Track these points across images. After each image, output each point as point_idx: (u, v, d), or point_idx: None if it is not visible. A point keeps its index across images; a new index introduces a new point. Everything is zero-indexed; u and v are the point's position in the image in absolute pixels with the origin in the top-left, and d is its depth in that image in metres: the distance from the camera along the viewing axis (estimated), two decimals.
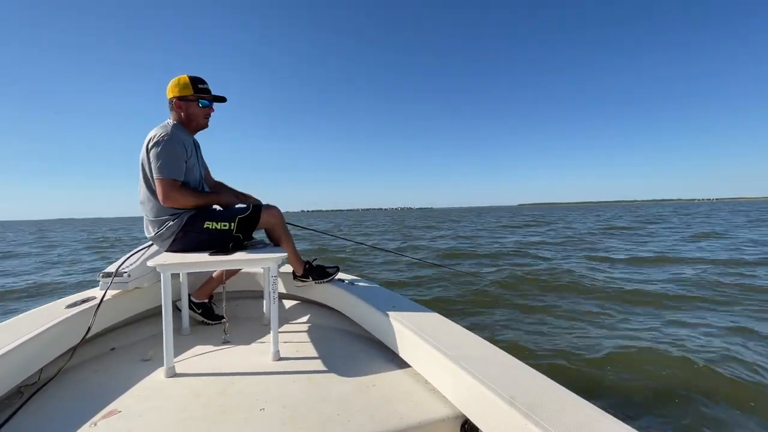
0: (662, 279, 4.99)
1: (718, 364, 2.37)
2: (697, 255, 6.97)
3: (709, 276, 4.96)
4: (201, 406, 1.13)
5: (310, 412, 1.09)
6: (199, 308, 1.90)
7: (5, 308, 4.63)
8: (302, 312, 2.06)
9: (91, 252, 11.75)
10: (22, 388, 1.24)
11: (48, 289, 5.80)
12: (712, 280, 4.74)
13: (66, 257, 10.39)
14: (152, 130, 1.60)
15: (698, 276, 5.01)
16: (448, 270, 5.47)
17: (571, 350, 2.66)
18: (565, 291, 4.49)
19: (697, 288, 4.42)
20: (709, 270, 5.42)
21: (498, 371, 1.00)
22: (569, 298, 4.19)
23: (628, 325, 3.22)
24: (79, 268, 8.10)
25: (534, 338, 2.94)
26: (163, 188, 1.54)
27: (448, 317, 1.42)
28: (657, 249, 8.06)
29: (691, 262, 6.23)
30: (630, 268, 5.99)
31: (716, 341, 2.75)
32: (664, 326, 3.15)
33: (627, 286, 4.54)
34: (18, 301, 5.03)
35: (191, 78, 1.65)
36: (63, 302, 1.60)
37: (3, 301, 5.10)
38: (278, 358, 1.47)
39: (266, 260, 1.50)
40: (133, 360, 1.49)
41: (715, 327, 3.07)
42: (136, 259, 1.76)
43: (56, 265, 8.70)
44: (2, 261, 9.81)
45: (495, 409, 0.89)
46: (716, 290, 4.29)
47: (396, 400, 1.16)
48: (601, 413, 0.81)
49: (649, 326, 3.14)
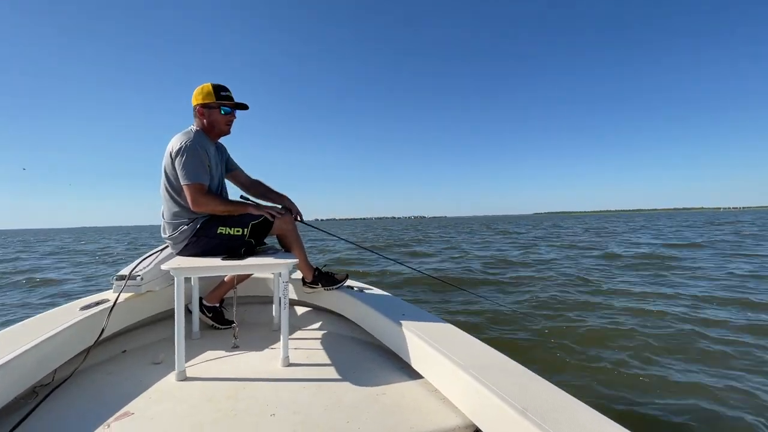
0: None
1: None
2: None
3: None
4: (212, 410, 1.13)
5: (320, 419, 1.09)
6: (210, 312, 1.92)
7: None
8: (311, 318, 2.06)
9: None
10: (36, 389, 1.26)
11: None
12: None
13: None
14: (175, 137, 1.65)
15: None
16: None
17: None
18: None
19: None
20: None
21: (510, 381, 0.99)
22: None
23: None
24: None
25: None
26: (191, 193, 1.59)
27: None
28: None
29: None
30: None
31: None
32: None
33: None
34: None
35: (214, 86, 1.70)
36: (77, 304, 1.62)
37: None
38: (288, 364, 1.47)
39: (278, 266, 1.51)
40: (145, 363, 1.50)
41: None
42: (149, 262, 1.79)
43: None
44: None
45: (507, 419, 0.88)
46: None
47: (407, 410, 1.15)
48: (617, 426, 0.80)
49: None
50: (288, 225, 1.79)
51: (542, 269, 6.70)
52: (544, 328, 3.34)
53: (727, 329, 3.21)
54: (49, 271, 8.50)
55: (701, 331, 3.16)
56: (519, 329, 3.35)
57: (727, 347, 2.81)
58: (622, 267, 6.79)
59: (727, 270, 5.99)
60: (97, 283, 6.76)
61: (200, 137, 1.66)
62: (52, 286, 6.60)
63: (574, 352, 2.78)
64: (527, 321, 3.59)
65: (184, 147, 1.58)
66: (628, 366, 2.53)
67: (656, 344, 2.90)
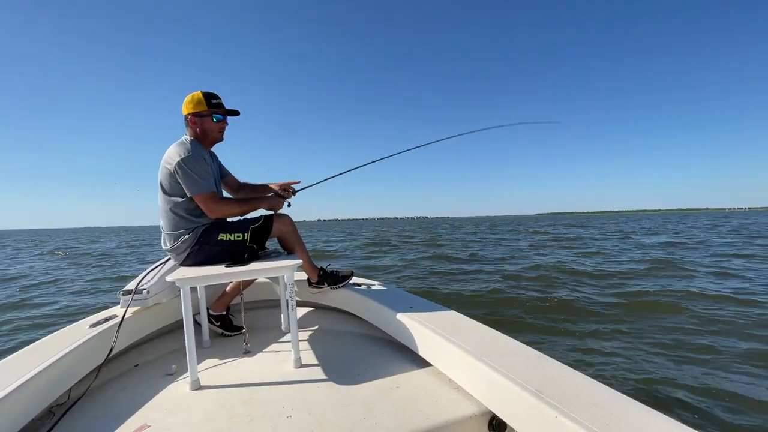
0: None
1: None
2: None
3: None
4: (228, 417, 1.14)
5: (336, 417, 1.09)
6: (218, 321, 1.92)
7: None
8: (319, 318, 2.06)
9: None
10: (53, 409, 1.27)
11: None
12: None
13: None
14: (171, 149, 1.64)
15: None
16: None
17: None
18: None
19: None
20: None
21: (522, 365, 0.99)
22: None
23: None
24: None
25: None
26: (205, 203, 1.61)
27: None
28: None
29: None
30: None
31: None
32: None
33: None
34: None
35: (204, 94, 1.69)
36: (86, 322, 1.63)
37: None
38: (300, 365, 1.48)
39: (282, 269, 1.51)
40: (158, 375, 1.51)
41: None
42: (153, 275, 1.79)
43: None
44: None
45: (522, 403, 0.88)
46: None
47: (421, 401, 1.16)
48: (636, 404, 0.79)
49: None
50: (287, 227, 1.78)
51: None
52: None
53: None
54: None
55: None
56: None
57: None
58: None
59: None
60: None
61: (197, 147, 1.66)
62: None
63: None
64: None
65: (186, 158, 1.57)
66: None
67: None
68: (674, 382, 2.28)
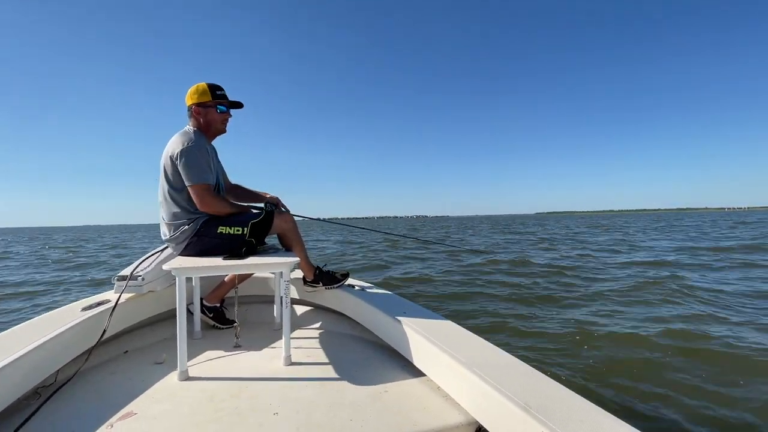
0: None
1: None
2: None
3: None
4: (215, 410, 1.13)
5: (323, 417, 1.09)
6: (211, 312, 1.92)
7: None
8: (313, 317, 2.06)
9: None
10: (39, 390, 1.26)
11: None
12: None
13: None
14: (174, 138, 1.65)
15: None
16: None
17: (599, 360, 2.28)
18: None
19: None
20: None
21: (511, 378, 0.99)
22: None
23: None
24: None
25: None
26: (198, 193, 1.59)
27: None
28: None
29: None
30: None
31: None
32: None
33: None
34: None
35: (209, 85, 1.70)
36: (79, 305, 1.62)
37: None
38: (290, 363, 1.47)
39: (279, 265, 1.51)
40: (147, 363, 1.50)
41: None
42: (150, 262, 1.78)
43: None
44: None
45: (509, 415, 0.88)
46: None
47: (409, 407, 1.16)
48: (615, 420, 0.80)
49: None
50: (288, 224, 1.78)
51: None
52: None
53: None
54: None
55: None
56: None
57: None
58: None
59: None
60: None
61: (200, 137, 1.66)
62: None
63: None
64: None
65: (186, 147, 1.57)
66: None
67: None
68: (666, 400, 2.22)
